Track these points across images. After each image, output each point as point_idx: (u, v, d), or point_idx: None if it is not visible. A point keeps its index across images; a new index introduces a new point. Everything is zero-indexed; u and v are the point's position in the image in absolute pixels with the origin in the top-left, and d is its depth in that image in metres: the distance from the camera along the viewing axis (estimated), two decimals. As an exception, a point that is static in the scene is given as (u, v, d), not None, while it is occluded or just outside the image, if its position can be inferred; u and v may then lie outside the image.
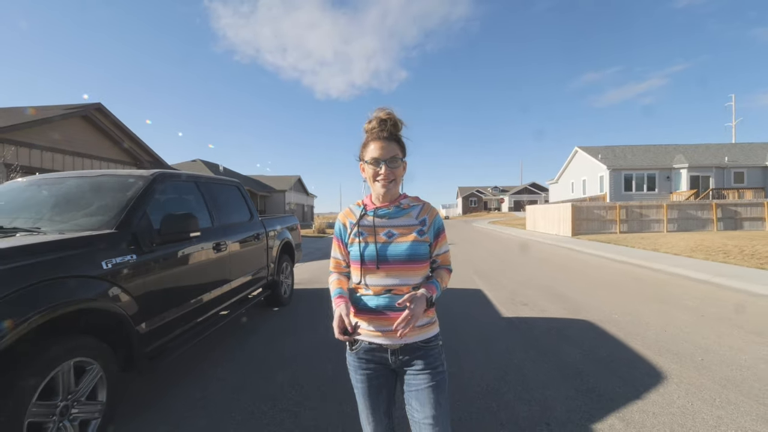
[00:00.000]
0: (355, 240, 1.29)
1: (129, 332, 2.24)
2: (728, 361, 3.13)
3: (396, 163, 1.27)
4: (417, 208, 1.33)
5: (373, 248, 1.26)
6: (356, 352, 1.31)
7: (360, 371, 1.31)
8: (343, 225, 1.37)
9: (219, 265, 3.36)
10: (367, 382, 1.30)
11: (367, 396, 1.31)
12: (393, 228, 1.29)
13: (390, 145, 1.27)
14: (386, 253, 1.26)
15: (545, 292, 5.88)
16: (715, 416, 2.29)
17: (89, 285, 2.00)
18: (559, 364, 3.08)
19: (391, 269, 1.25)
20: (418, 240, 1.27)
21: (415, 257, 1.26)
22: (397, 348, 1.27)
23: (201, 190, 3.48)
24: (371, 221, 1.30)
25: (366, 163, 1.29)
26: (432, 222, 1.32)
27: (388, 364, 1.29)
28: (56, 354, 1.79)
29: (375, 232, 1.28)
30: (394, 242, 1.27)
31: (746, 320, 4.32)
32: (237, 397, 2.60)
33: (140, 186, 2.73)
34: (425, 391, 1.24)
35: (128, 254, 2.30)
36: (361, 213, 1.33)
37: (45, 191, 2.80)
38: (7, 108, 15.41)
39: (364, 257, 1.27)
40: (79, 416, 1.92)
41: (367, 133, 1.31)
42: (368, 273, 1.27)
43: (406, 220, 1.30)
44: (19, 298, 1.65)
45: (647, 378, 2.81)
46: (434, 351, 1.29)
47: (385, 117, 1.28)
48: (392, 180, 1.28)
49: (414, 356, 1.27)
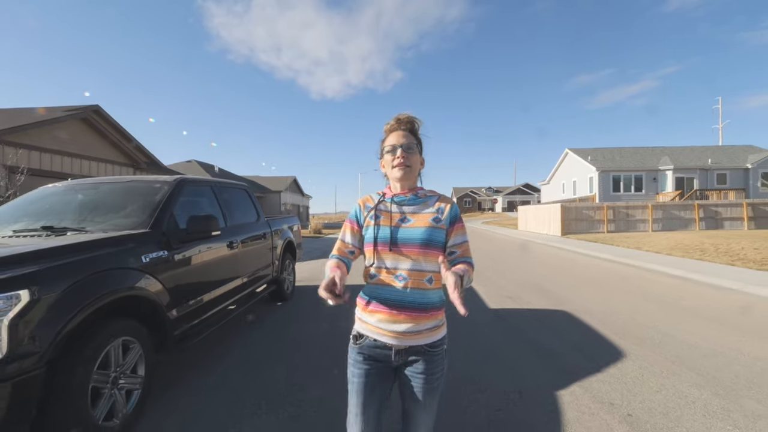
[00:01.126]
0: (371, 223, 1.32)
1: (162, 318, 2.60)
2: (681, 342, 3.59)
3: (412, 149, 1.32)
4: (434, 198, 1.37)
5: (387, 230, 1.28)
6: (359, 347, 1.31)
7: (359, 365, 1.30)
8: (360, 208, 1.39)
9: (232, 261, 3.73)
10: (364, 378, 1.28)
11: (361, 392, 1.28)
12: (409, 214, 1.31)
13: (406, 134, 1.34)
14: (400, 236, 1.27)
15: (530, 287, 6.33)
16: (659, 383, 2.73)
17: (133, 276, 2.37)
18: (535, 347, 3.51)
19: (404, 253, 1.25)
20: (434, 226, 1.28)
21: (429, 243, 1.26)
22: (402, 348, 1.26)
23: (215, 194, 3.84)
24: (388, 207, 1.33)
25: (385, 152, 1.35)
26: (449, 210, 1.32)
27: (389, 362, 1.29)
28: (110, 332, 2.15)
29: (391, 216, 1.31)
30: (409, 227, 1.28)
31: (706, 309, 4.79)
32: (251, 376, 2.98)
33: (166, 190, 3.09)
34: (421, 394, 1.26)
35: (161, 250, 2.67)
36: (379, 199, 1.37)
37: (81, 195, 3.15)
38: (6, 109, 15.52)
39: (377, 239, 1.28)
40: (125, 387, 2.29)
41: (385, 132, 1.39)
42: (380, 255, 1.28)
43: (422, 208, 1.32)
44: (85, 285, 2.02)
45: (609, 356, 3.25)
46: (438, 356, 1.29)
47: (404, 117, 1.37)
48: (408, 165, 1.31)
49: (417, 358, 1.27)
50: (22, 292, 1.75)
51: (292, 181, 39.43)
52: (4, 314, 1.69)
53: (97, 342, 2.05)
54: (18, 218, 2.86)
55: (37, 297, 1.79)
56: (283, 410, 2.44)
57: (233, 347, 3.60)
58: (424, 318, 1.26)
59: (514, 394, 2.60)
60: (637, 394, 2.59)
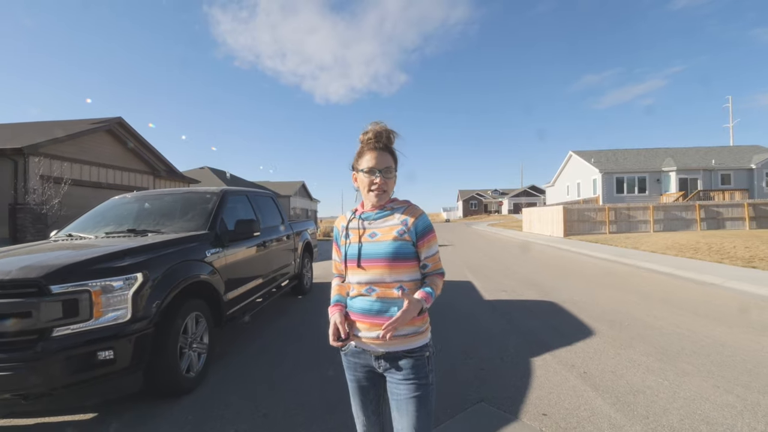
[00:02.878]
0: (345, 241, 1.38)
1: (219, 300, 3.33)
2: (646, 324, 4.20)
3: (390, 174, 1.33)
4: (400, 209, 1.37)
5: (355, 247, 1.33)
6: (346, 354, 1.40)
7: (350, 371, 1.39)
8: (338, 229, 1.45)
9: (266, 258, 4.46)
10: (356, 383, 1.38)
11: (356, 394, 1.39)
12: (376, 229, 1.34)
13: (385, 156, 1.33)
14: (367, 251, 1.31)
15: (525, 282, 6.95)
16: (615, 353, 3.37)
17: (201, 266, 3.10)
18: (519, 329, 4.16)
19: (371, 267, 1.30)
20: (398, 239, 1.30)
21: (395, 256, 1.29)
22: (380, 354, 1.30)
23: (250, 201, 4.59)
24: (357, 224, 1.37)
25: (361, 172, 1.34)
26: (414, 222, 1.33)
27: (374, 368, 1.34)
28: (189, 307, 2.88)
29: (359, 233, 1.35)
30: (375, 241, 1.32)
31: (681, 300, 5.38)
32: (282, 351, 3.68)
33: (215, 200, 3.84)
34: (405, 402, 1.26)
35: (217, 247, 3.41)
36: (350, 217, 1.42)
37: (147, 204, 3.92)
38: (37, 123, 16.64)
39: (347, 256, 1.35)
40: (196, 350, 3.01)
41: (362, 143, 1.36)
42: (352, 271, 1.34)
43: (388, 221, 1.34)
44: (174, 272, 2.76)
45: (581, 335, 3.89)
46: (419, 362, 1.29)
47: (381, 130, 1.34)
48: (386, 191, 1.34)
49: (397, 365, 1.29)
50: (138, 275, 2.48)
51: (300, 186, 40.39)
52: (128, 289, 2.43)
53: (181, 314, 2.78)
54: (106, 223, 3.63)
55: (147, 279, 2.52)
56: (317, 371, 3.14)
57: (268, 328, 4.32)
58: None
59: (497, 360, 3.26)
60: (595, 359, 3.24)
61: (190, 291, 2.98)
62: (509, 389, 2.73)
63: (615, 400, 2.54)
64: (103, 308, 2.32)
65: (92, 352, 2.26)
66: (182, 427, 2.38)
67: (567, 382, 2.84)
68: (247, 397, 2.74)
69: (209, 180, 28.82)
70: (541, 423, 2.29)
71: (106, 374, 2.31)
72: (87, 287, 2.28)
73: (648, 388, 2.70)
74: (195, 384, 2.88)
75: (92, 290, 2.30)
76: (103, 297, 2.33)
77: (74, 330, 2.24)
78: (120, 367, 2.35)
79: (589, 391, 2.68)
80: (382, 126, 1.35)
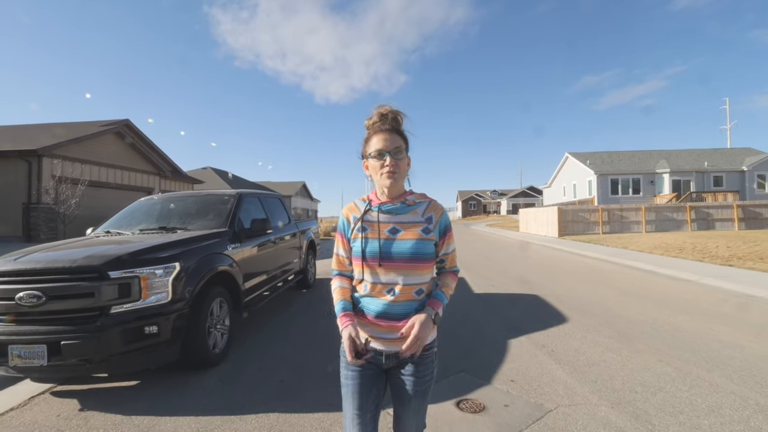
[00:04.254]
0: (359, 235, 1.27)
1: (238, 288, 3.82)
2: (616, 314, 4.71)
3: (401, 154, 1.24)
4: (423, 204, 1.30)
5: (376, 244, 1.24)
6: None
7: (352, 368, 1.28)
8: (346, 220, 1.33)
9: (275, 253, 4.96)
10: (359, 379, 1.27)
11: (356, 394, 1.27)
12: (398, 224, 1.26)
13: (393, 137, 1.24)
14: (390, 250, 1.23)
15: (514, 278, 7.46)
16: (582, 335, 3.87)
17: (224, 258, 3.61)
18: (502, 317, 4.67)
19: (394, 267, 1.23)
20: (423, 238, 1.25)
21: (419, 256, 1.23)
22: (392, 353, 1.27)
23: (262, 202, 5.09)
24: (375, 217, 1.27)
25: (370, 157, 1.26)
26: (438, 220, 1.29)
27: (380, 364, 1.30)
28: (214, 294, 3.38)
29: (379, 228, 1.26)
30: (399, 239, 1.24)
31: (654, 294, 5.89)
32: (291, 333, 4.18)
33: (233, 201, 4.34)
34: (410, 395, 1.26)
35: (236, 242, 3.91)
36: (365, 208, 1.30)
37: (173, 205, 4.42)
38: (46, 124, 17.13)
39: (366, 253, 1.25)
40: (220, 330, 3.50)
41: (368, 129, 1.29)
42: (370, 270, 1.25)
43: (411, 217, 1.27)
44: (204, 262, 3.26)
45: (556, 322, 4.39)
46: (428, 360, 1.30)
47: (386, 111, 1.27)
48: (397, 172, 1.23)
49: (407, 361, 1.28)
50: (176, 264, 2.99)
51: (301, 186, 40.91)
52: (168, 276, 2.93)
53: (209, 298, 3.28)
54: (138, 221, 4.14)
55: (183, 268, 3.02)
56: (322, 348, 3.64)
57: (278, 316, 4.82)
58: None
59: (478, 341, 3.77)
60: (563, 341, 3.74)
61: (215, 279, 3.48)
62: (486, 363, 3.23)
63: (572, 370, 3.05)
64: (149, 291, 2.83)
65: (141, 327, 2.76)
66: (212, 391, 2.87)
67: (536, 358, 3.34)
68: (264, 368, 3.25)
69: (212, 180, 29.31)
70: (509, 386, 2.80)
71: (152, 345, 2.81)
72: (137, 274, 2.79)
73: (602, 362, 3.21)
74: (219, 359, 3.38)
75: (141, 276, 2.80)
76: (149, 282, 2.83)
77: (127, 308, 2.74)
78: (162, 340, 2.85)
79: (552, 364, 3.18)
80: (387, 107, 1.28)
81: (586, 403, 2.52)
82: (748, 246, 10.79)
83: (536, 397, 2.63)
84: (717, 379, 2.84)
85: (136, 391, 2.94)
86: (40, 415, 2.59)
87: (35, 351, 2.56)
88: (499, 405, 2.52)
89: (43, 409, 2.67)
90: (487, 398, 2.61)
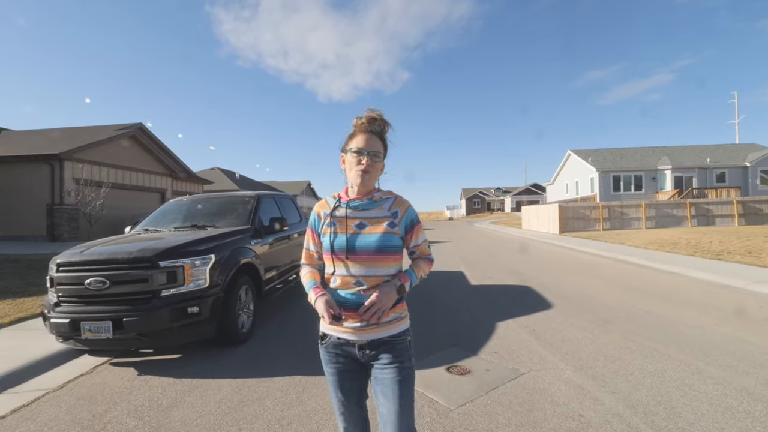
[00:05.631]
0: (327, 230, 1.34)
1: (259, 278, 4.39)
2: (598, 301, 5.20)
3: (378, 157, 1.33)
4: (389, 201, 1.37)
5: (343, 238, 1.30)
6: (326, 346, 1.37)
7: (331, 364, 1.36)
8: (317, 215, 1.40)
9: (289, 248, 5.52)
10: (338, 375, 1.36)
11: (338, 387, 1.36)
12: (364, 219, 1.33)
13: (375, 140, 1.33)
14: (355, 243, 1.29)
15: (509, 272, 7.96)
16: (563, 319, 4.38)
17: (249, 252, 4.17)
18: (494, 304, 5.19)
19: (360, 259, 1.29)
20: (389, 231, 1.31)
21: (384, 248, 1.29)
22: (364, 343, 1.31)
23: (277, 202, 5.65)
24: (344, 212, 1.34)
25: (350, 152, 1.33)
26: (404, 215, 1.36)
27: (356, 358, 1.34)
28: (241, 281, 3.95)
29: (347, 222, 1.32)
30: (364, 233, 1.30)
31: (640, 285, 6.36)
32: (305, 317, 4.74)
33: (253, 202, 4.91)
34: (390, 386, 1.29)
35: (258, 238, 4.48)
36: (335, 204, 1.37)
37: (200, 205, 5.00)
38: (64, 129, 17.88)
39: (334, 247, 1.31)
40: (246, 313, 4.07)
41: (355, 127, 1.36)
42: (338, 263, 1.31)
43: (377, 212, 1.34)
44: (233, 254, 3.83)
45: (541, 308, 4.90)
46: (401, 346, 1.33)
47: (376, 116, 1.34)
48: (370, 172, 1.31)
49: (381, 351, 1.32)
50: (212, 255, 3.56)
51: (306, 186, 41.57)
52: (206, 266, 3.50)
53: (238, 285, 3.85)
54: (171, 220, 4.72)
55: (218, 258, 3.59)
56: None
57: (290, 305, 5.39)
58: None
59: (472, 324, 4.29)
60: (545, 323, 4.26)
61: (241, 270, 4.05)
62: (476, 340, 3.76)
63: (548, 345, 3.57)
64: (191, 278, 3.40)
65: (185, 307, 3.33)
66: (244, 361, 3.43)
67: (519, 335, 3.86)
68: (285, 345, 3.81)
69: (220, 180, 30.05)
70: (492, 357, 3.32)
71: (194, 323, 3.38)
72: (181, 263, 3.36)
73: (575, 339, 3.72)
74: (247, 338, 3.95)
75: (184, 266, 3.37)
76: (191, 270, 3.40)
77: (174, 292, 3.31)
78: (202, 319, 3.42)
79: (532, 341, 3.70)
80: (378, 113, 1.36)
81: (554, 369, 3.04)
82: (741, 241, 11.15)
83: (514, 364, 3.15)
84: (670, 351, 3.34)
85: (179, 362, 3.51)
86: (107, 378, 3.18)
87: (102, 326, 3.14)
88: (481, 370, 3.05)
89: (108, 375, 3.26)
90: (472, 365, 3.14)
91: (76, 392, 2.94)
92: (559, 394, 2.62)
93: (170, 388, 2.93)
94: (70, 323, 3.17)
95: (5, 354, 3.50)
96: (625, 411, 2.38)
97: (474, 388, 2.72)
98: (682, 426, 2.20)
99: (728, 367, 2.99)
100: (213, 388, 2.91)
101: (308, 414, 2.47)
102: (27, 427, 2.45)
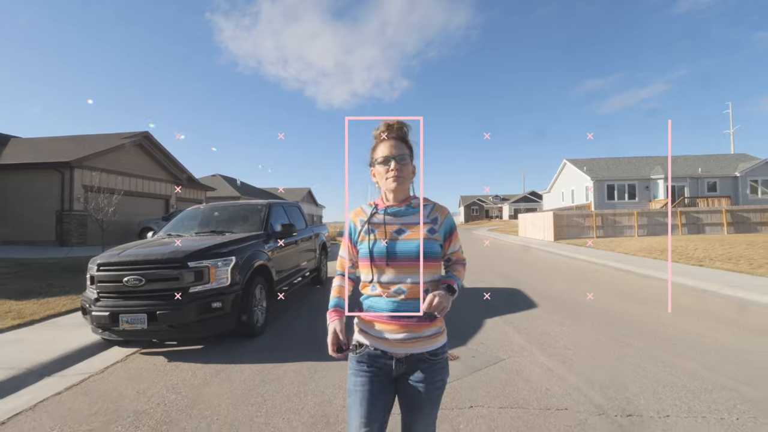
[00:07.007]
0: (366, 237, 1.32)
1: (271, 279, 4.86)
2: (580, 303, 5.68)
3: (405, 160, 1.32)
4: (428, 207, 1.37)
5: (382, 245, 1.29)
6: (359, 356, 1.33)
7: (361, 374, 1.30)
8: (353, 223, 1.40)
9: (297, 253, 6.01)
10: (368, 385, 1.28)
11: (364, 401, 1.26)
12: (403, 225, 1.31)
13: (398, 144, 1.33)
14: (395, 249, 1.27)
15: (502, 275, 8.44)
16: (546, 317, 4.86)
17: (263, 255, 4.66)
18: (483, 304, 5.67)
19: (402, 266, 1.27)
20: (429, 238, 1.29)
21: (425, 254, 1.27)
22: (402, 357, 1.28)
23: (285, 210, 6.16)
24: (381, 219, 1.34)
25: (377, 163, 1.35)
26: (443, 221, 1.36)
27: (390, 371, 1.30)
28: (257, 281, 4.43)
29: (385, 229, 1.31)
30: (404, 239, 1.29)
31: (621, 289, 6.85)
32: (312, 315, 5.21)
33: (265, 210, 5.41)
34: (422, 402, 1.26)
35: (269, 242, 4.97)
36: (372, 212, 1.37)
37: (217, 213, 5.49)
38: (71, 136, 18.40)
39: (373, 254, 1.29)
40: (260, 310, 4.54)
41: (375, 138, 1.38)
42: (378, 270, 1.29)
43: (416, 218, 1.32)
44: (251, 257, 4.32)
45: (526, 306, 5.38)
46: (439, 364, 1.30)
47: (392, 122, 1.37)
48: (401, 176, 1.31)
49: (418, 367, 1.28)
50: (233, 257, 4.04)
51: (306, 193, 42.12)
52: (227, 266, 3.98)
53: (253, 284, 4.33)
54: (191, 226, 5.21)
55: (237, 260, 4.08)
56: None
57: (298, 305, 5.86)
58: (424, 325, 1.28)
59: (463, 322, 4.77)
60: (528, 320, 4.74)
61: (257, 270, 4.53)
62: (465, 334, 4.23)
63: (528, 337, 4.05)
64: (215, 277, 3.88)
65: (210, 302, 3.81)
66: (261, 350, 3.89)
67: (503, 330, 4.34)
68: (295, 338, 4.27)
69: (222, 187, 30.57)
70: (478, 346, 3.80)
71: (217, 317, 3.85)
72: (207, 264, 3.84)
73: (553, 332, 4.20)
74: (261, 331, 4.41)
75: (210, 266, 3.86)
76: (215, 270, 3.88)
77: (201, 289, 3.79)
78: (224, 313, 3.89)
79: (515, 334, 4.18)
80: (394, 119, 1.38)
81: (531, 355, 3.52)
82: (724, 249, 11.68)
83: (496, 352, 3.63)
84: (634, 342, 3.83)
85: (203, 352, 3.97)
86: (141, 364, 3.63)
87: (138, 318, 3.61)
88: (468, 356, 3.52)
89: (141, 362, 3.71)
90: (461, 353, 3.62)
91: (117, 375, 3.40)
92: (532, 375, 3.09)
93: (199, 371, 3.40)
94: (109, 316, 3.64)
95: (43, 346, 3.95)
96: (584, 385, 2.86)
97: (461, 370, 3.19)
98: (628, 397, 2.68)
99: (680, 354, 3.47)
100: (236, 371, 3.37)
101: (321, 389, 2.94)
102: (84, 399, 2.91)
